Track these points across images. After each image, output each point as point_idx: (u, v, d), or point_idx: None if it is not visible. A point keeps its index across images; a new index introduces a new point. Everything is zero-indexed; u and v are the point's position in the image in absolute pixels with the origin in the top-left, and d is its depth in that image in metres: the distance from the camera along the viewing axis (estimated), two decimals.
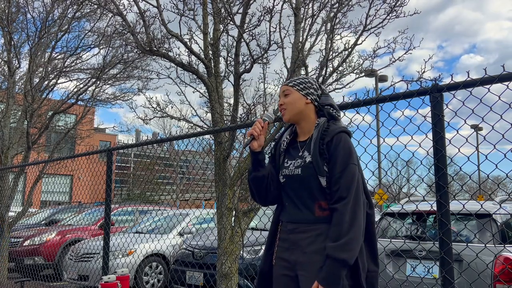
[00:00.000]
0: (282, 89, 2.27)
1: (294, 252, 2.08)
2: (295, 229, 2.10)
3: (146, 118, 5.61)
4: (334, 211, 1.97)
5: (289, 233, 2.13)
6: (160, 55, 4.45)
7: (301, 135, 2.24)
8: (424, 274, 4.22)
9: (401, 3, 4.42)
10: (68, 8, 8.19)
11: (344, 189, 1.96)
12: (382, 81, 19.31)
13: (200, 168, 9.94)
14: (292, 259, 2.09)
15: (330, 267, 1.88)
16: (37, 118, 9.10)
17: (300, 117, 2.20)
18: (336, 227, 1.92)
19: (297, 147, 2.21)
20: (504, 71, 2.28)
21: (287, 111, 2.20)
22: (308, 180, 2.07)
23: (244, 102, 4.53)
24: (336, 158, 2.02)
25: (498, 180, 10.33)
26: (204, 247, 6.17)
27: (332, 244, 1.90)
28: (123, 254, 7.41)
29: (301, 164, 2.11)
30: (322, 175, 2.03)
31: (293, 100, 2.19)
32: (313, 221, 2.05)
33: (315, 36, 4.63)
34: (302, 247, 2.05)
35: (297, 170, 2.11)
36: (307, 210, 2.07)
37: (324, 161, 2.04)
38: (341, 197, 1.96)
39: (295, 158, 2.17)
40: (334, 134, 2.07)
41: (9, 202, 7.77)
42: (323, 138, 2.08)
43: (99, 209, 10.80)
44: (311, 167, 2.06)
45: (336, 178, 1.99)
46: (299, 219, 2.09)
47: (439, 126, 2.44)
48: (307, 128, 2.20)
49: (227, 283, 4.04)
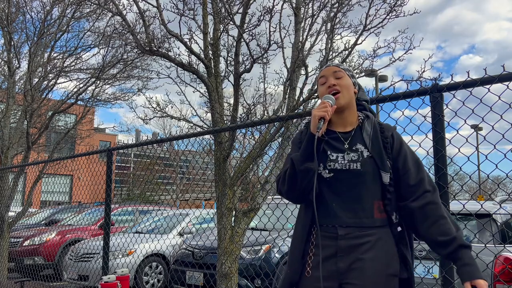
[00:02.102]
0: (332, 69, 1.99)
1: (344, 259, 1.80)
2: (348, 234, 1.81)
3: (146, 118, 5.62)
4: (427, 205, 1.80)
5: (338, 239, 1.82)
6: (160, 55, 4.44)
7: (339, 125, 1.97)
8: (424, 274, 4.22)
9: (401, 3, 4.41)
10: (67, 8, 8.19)
11: (428, 182, 1.85)
12: (382, 81, 19.30)
13: (200, 168, 9.94)
14: (341, 267, 1.80)
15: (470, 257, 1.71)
16: (37, 118, 9.10)
17: (349, 105, 1.96)
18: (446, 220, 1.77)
19: (338, 138, 1.93)
20: (504, 71, 2.28)
21: (343, 95, 1.93)
22: (369, 177, 1.84)
23: (244, 102, 4.52)
24: (406, 154, 1.89)
25: (498, 180, 10.33)
26: (204, 247, 6.17)
27: (458, 234, 1.73)
28: (123, 254, 7.41)
29: (359, 158, 1.86)
30: (386, 171, 1.85)
31: (348, 84, 1.96)
32: (371, 225, 1.82)
33: (315, 36, 4.63)
34: (356, 253, 1.79)
35: (353, 164, 1.85)
36: (364, 212, 1.83)
37: (388, 156, 1.88)
38: (427, 190, 1.82)
39: (342, 150, 1.89)
40: (392, 130, 1.94)
41: (9, 202, 7.77)
42: (383, 132, 1.92)
43: (99, 209, 10.80)
44: (372, 162, 1.85)
45: (414, 172, 1.86)
46: (355, 223, 1.82)
47: (439, 126, 2.44)
48: (350, 119, 1.97)
49: (227, 283, 4.03)
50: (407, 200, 1.85)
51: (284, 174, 1.92)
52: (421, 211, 1.80)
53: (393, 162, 1.88)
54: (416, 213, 1.81)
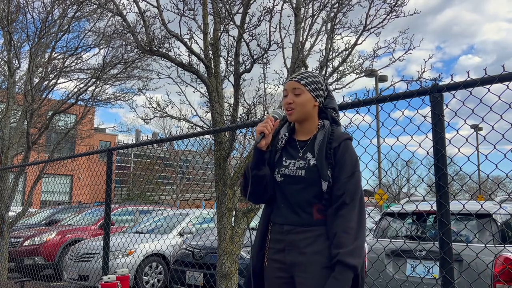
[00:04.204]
0: (292, 85, 2.14)
1: (291, 253, 2.04)
2: (292, 230, 2.05)
3: (146, 118, 5.62)
4: (337, 217, 1.95)
5: (285, 234, 2.07)
6: (160, 55, 4.45)
7: (300, 134, 2.18)
8: (424, 274, 4.22)
9: (401, 3, 4.42)
10: (68, 8, 8.19)
11: (348, 195, 1.97)
12: (382, 81, 19.32)
13: (200, 168, 9.95)
14: (288, 260, 2.04)
15: (342, 273, 1.87)
16: (37, 118, 9.11)
17: (306, 118, 2.14)
18: (344, 234, 1.91)
19: (296, 146, 2.15)
20: (504, 71, 2.28)
21: (296, 112, 2.11)
22: (311, 183, 2.03)
23: (244, 102, 4.53)
24: (343, 164, 2.02)
25: (498, 180, 10.34)
26: (204, 247, 6.17)
27: (343, 250, 1.88)
28: (123, 254, 7.41)
29: (305, 166, 2.06)
30: (325, 179, 2.01)
31: (304, 102, 2.11)
32: (311, 224, 2.02)
33: (315, 36, 4.63)
34: (300, 248, 2.01)
35: (300, 171, 2.06)
36: (305, 213, 2.03)
37: (328, 166, 2.02)
38: (344, 203, 1.96)
39: (295, 158, 2.11)
40: (341, 140, 2.06)
41: (9, 202, 7.78)
42: (330, 143, 2.06)
43: (99, 209, 10.80)
44: (315, 171, 2.03)
45: (341, 183, 1.99)
46: (297, 221, 2.04)
47: (439, 126, 2.43)
48: (309, 129, 2.15)
49: (227, 283, 4.04)
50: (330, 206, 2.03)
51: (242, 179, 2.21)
52: (331, 219, 1.99)
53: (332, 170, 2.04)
54: (329, 218, 2.00)
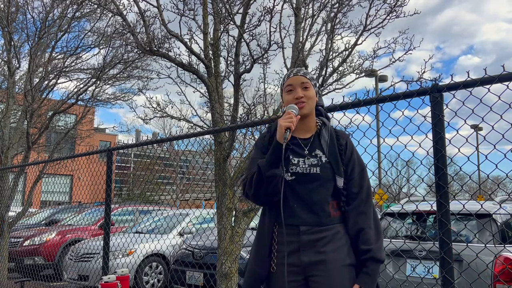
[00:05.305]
0: (300, 79, 2.10)
1: (307, 253, 1.97)
2: (308, 231, 1.98)
3: (146, 118, 5.62)
4: (359, 214, 2.00)
5: (300, 235, 1.98)
6: (160, 55, 4.45)
7: (301, 132, 2.12)
8: (424, 274, 4.23)
9: (401, 3, 4.42)
10: (68, 8, 8.19)
11: (364, 192, 2.04)
12: (382, 81, 19.33)
13: (200, 168, 9.94)
14: (304, 260, 1.96)
15: (374, 269, 1.95)
16: (37, 118, 9.11)
17: (311, 112, 2.13)
18: (369, 230, 1.98)
19: (299, 144, 2.09)
20: (504, 71, 2.28)
21: (307, 106, 2.07)
22: (326, 180, 2.02)
23: (244, 102, 4.53)
24: (355, 161, 2.07)
25: (498, 180, 10.34)
26: (204, 247, 6.17)
27: (374, 246, 1.95)
28: (123, 254, 7.41)
29: (318, 163, 2.03)
30: (341, 175, 2.03)
31: (313, 96, 2.10)
32: (328, 223, 2.00)
33: (315, 36, 4.63)
34: (317, 247, 1.96)
35: (314, 168, 2.02)
36: (322, 211, 2.00)
37: (342, 162, 2.05)
38: (362, 200, 2.02)
39: (303, 156, 2.05)
40: (346, 138, 2.12)
41: (9, 202, 7.78)
42: (338, 140, 2.09)
43: (99, 209, 10.81)
44: (329, 167, 2.03)
45: (355, 180, 2.05)
46: (315, 221, 1.99)
47: (439, 126, 2.44)
48: (309, 126, 2.13)
49: (227, 283, 4.04)
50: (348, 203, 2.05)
51: (250, 178, 2.05)
52: (353, 216, 2.01)
53: (345, 167, 2.06)
54: (351, 215, 2.02)
